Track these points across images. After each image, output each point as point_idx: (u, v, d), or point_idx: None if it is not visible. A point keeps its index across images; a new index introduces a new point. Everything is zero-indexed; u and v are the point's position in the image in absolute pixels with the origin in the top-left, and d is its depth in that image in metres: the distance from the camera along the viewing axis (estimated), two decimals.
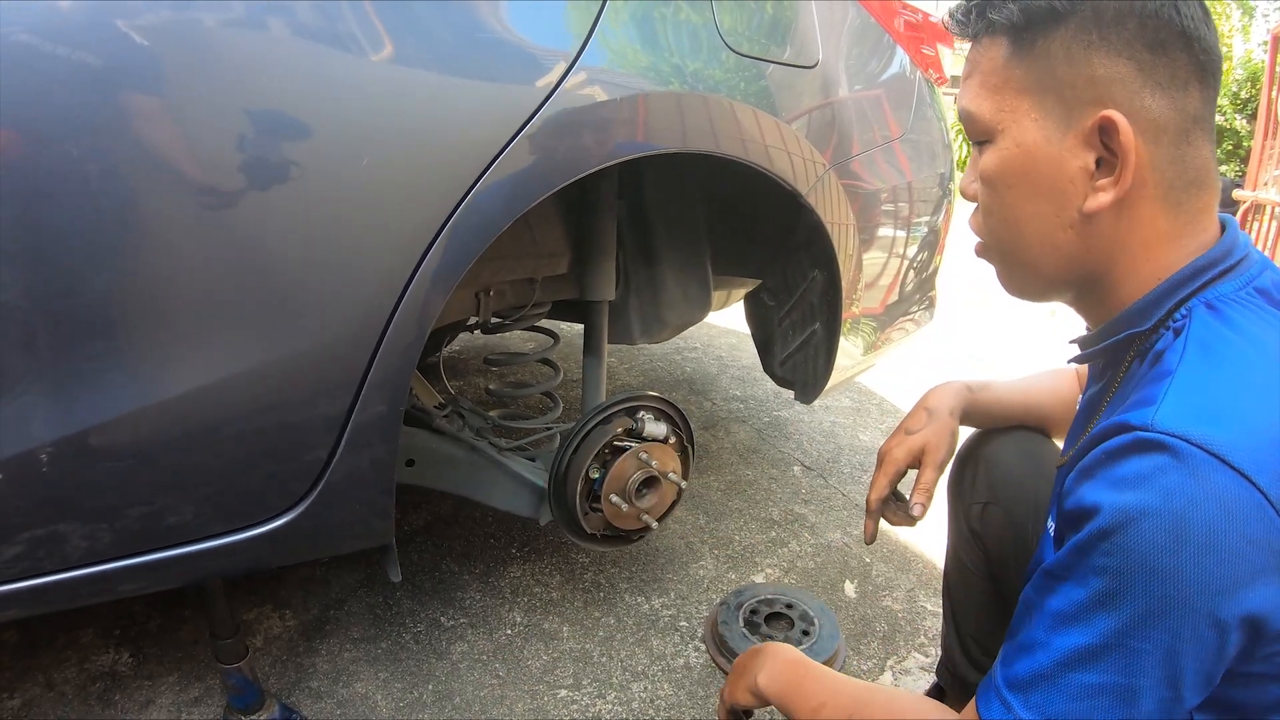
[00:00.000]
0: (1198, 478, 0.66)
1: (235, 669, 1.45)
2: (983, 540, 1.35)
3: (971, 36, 0.88)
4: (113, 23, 0.90)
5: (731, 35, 1.43)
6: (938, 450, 1.28)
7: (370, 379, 1.13)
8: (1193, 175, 0.81)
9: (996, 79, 0.85)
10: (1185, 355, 0.77)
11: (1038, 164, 0.83)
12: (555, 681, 1.71)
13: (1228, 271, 0.82)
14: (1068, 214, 0.83)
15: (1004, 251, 0.92)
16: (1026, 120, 0.83)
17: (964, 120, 0.89)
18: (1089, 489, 0.73)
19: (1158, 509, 0.67)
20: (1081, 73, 0.79)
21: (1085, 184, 0.81)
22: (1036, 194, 0.84)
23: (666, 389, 3.36)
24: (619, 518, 1.61)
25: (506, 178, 1.14)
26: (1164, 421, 0.70)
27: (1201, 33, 0.78)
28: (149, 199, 0.95)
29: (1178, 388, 0.73)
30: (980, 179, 0.89)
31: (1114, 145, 0.78)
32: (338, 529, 1.26)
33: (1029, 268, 0.90)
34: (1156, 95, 0.78)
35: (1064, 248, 0.85)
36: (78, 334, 0.96)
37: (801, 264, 1.99)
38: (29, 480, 0.98)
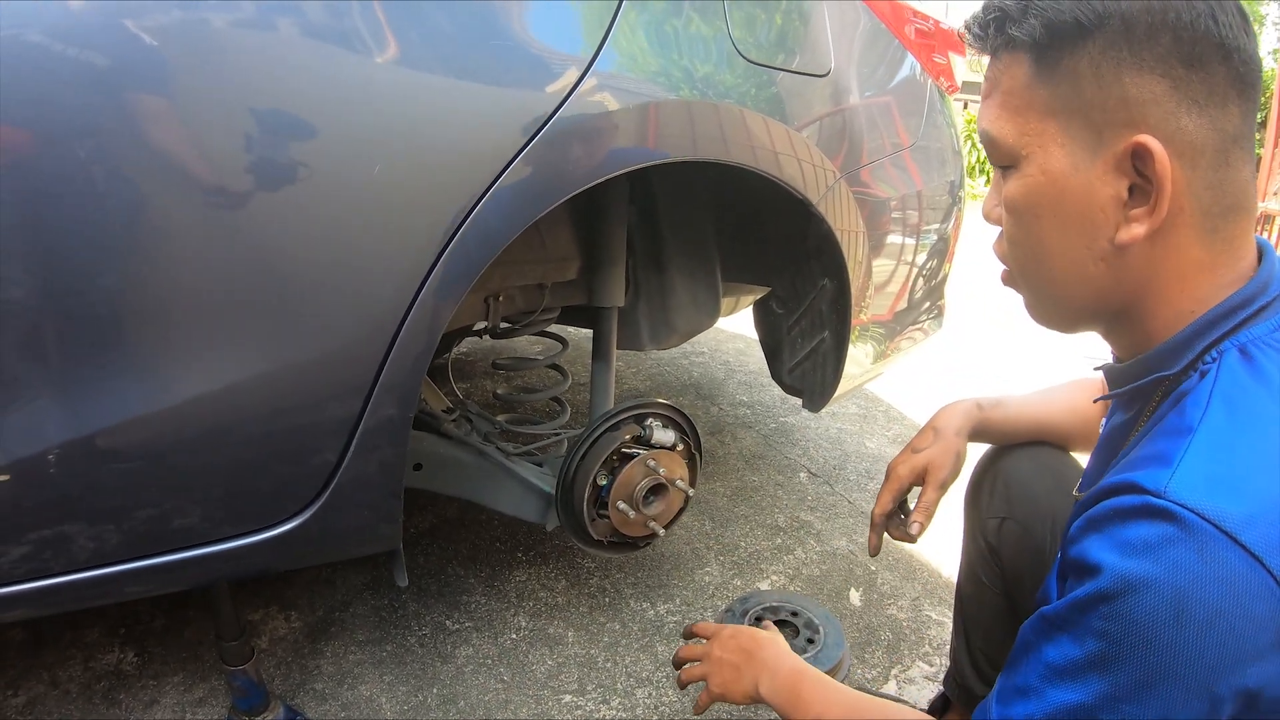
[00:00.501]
0: (1205, 555, 0.64)
1: (240, 670, 1.45)
2: (999, 555, 1.34)
3: (990, 52, 0.82)
4: (121, 23, 0.90)
5: (743, 43, 1.43)
6: (940, 470, 1.31)
7: (380, 383, 1.13)
8: (1231, 200, 0.75)
9: (1019, 100, 0.79)
10: (1209, 411, 0.72)
11: (1066, 193, 0.77)
12: (560, 686, 1.71)
13: (1264, 309, 0.77)
14: (1099, 245, 0.78)
15: (1031, 282, 0.87)
16: (1053, 145, 0.77)
17: (985, 144, 0.84)
18: (1095, 545, 0.70)
19: (1161, 582, 0.64)
20: (1112, 93, 0.73)
21: (1117, 213, 0.76)
22: (1065, 225, 0.79)
23: (674, 394, 3.36)
24: (626, 524, 1.61)
25: (519, 184, 1.14)
26: (1177, 490, 0.66)
27: (1241, 42, 0.72)
28: (158, 201, 0.95)
29: (1196, 451, 0.69)
30: (1004, 207, 0.84)
31: (1148, 172, 0.73)
32: (345, 533, 1.26)
33: (1058, 300, 0.85)
34: (1194, 115, 0.72)
35: (1095, 280, 0.80)
36: (87, 336, 0.96)
37: (811, 272, 1.99)
38: (37, 481, 0.98)
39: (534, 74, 1.16)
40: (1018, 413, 1.36)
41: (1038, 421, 1.35)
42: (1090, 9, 0.73)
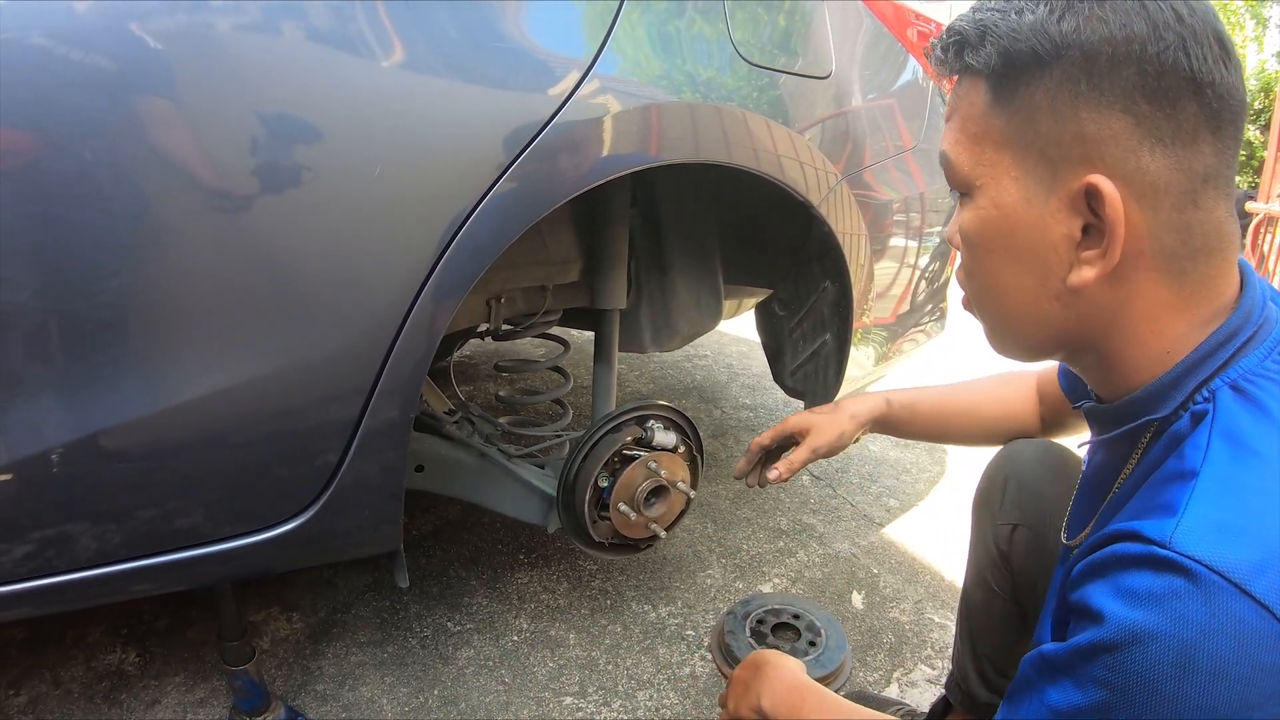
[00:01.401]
0: (1213, 607, 0.61)
1: (242, 671, 1.45)
2: (1010, 562, 1.34)
3: (951, 75, 0.80)
4: (127, 26, 0.90)
5: (745, 45, 1.44)
6: (818, 436, 1.37)
7: (381, 385, 1.14)
8: (1200, 242, 0.71)
9: (975, 128, 0.76)
10: (1210, 453, 0.69)
11: (1017, 229, 0.75)
12: (561, 689, 1.71)
13: (1250, 341, 0.74)
14: (1052, 284, 0.75)
15: (987, 314, 0.84)
16: (1006, 178, 0.74)
17: (943, 168, 0.82)
18: (1097, 592, 0.68)
19: (1167, 635, 0.62)
20: (1068, 128, 0.70)
21: (1070, 253, 0.73)
22: (1017, 260, 0.76)
23: (676, 396, 3.36)
24: (627, 526, 1.61)
25: (520, 187, 1.14)
26: (1182, 541, 0.63)
27: (1215, 75, 0.67)
28: (161, 203, 0.95)
29: (1200, 497, 0.66)
30: (961, 239, 0.81)
31: (1101, 213, 0.69)
32: (346, 534, 1.26)
33: (1015, 333, 0.83)
34: (1157, 154, 0.68)
35: (1050, 318, 0.77)
36: (90, 336, 0.96)
37: (813, 274, 1.99)
38: (40, 481, 0.98)
39: (534, 76, 1.16)
40: (929, 414, 1.41)
41: (947, 422, 1.42)
42: (1048, 39, 0.70)
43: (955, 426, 1.43)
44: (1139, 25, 0.67)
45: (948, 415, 1.42)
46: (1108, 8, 0.68)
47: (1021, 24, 0.71)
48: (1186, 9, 0.68)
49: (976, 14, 0.75)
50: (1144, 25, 0.67)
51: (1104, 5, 0.68)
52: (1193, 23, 0.67)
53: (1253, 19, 14.62)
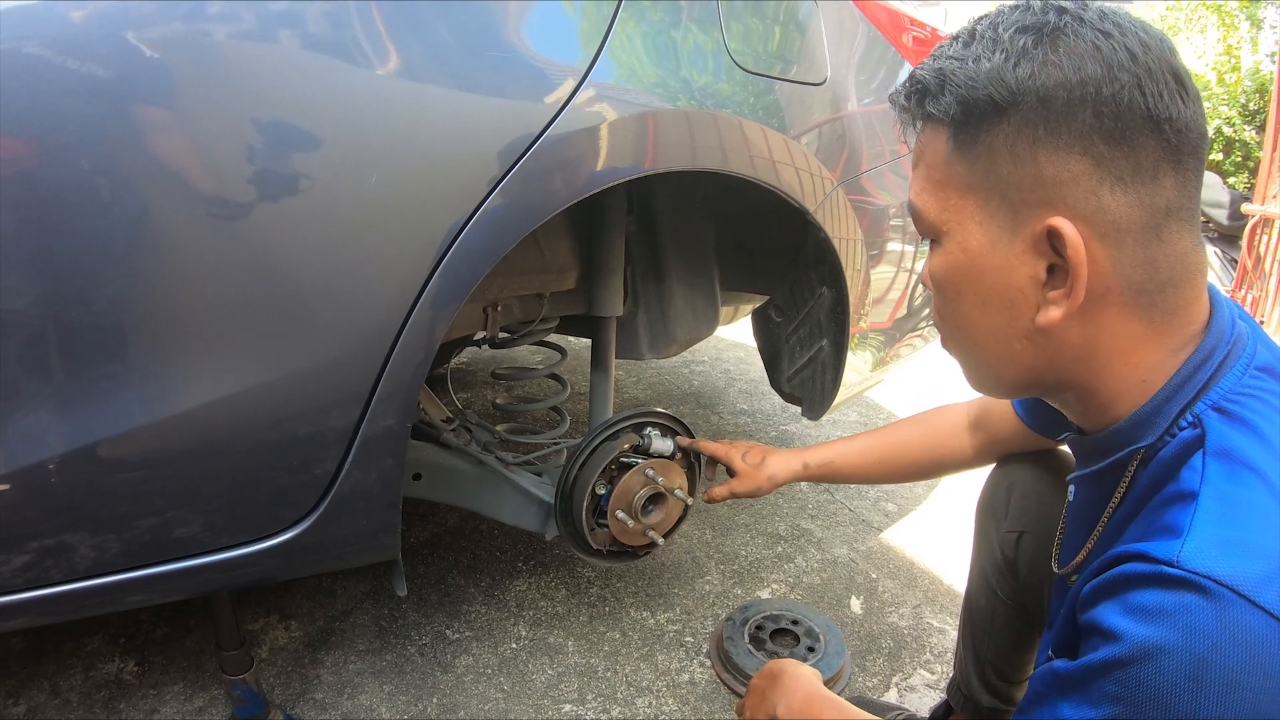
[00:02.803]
0: (1223, 620, 0.62)
1: (240, 680, 1.45)
2: (1015, 568, 1.35)
3: (913, 124, 0.82)
4: (123, 35, 0.90)
5: (740, 53, 1.44)
6: (739, 484, 1.53)
7: (379, 393, 1.14)
8: (1167, 274, 0.73)
9: (939, 175, 0.78)
10: (1206, 473, 0.70)
11: (984, 272, 0.76)
12: (560, 696, 1.71)
13: (1225, 361, 0.75)
14: (1021, 325, 0.77)
15: (961, 353, 0.86)
16: (970, 223, 0.76)
17: (911, 216, 0.83)
18: (1107, 610, 0.69)
19: (1179, 649, 0.63)
20: (1027, 172, 0.72)
21: (1036, 294, 0.74)
22: (985, 303, 0.77)
23: (674, 402, 3.36)
24: (625, 534, 1.61)
25: (516, 195, 1.14)
26: (1190, 558, 0.64)
27: (1173, 111, 0.69)
28: (159, 211, 0.95)
29: (1203, 517, 0.67)
30: (932, 282, 0.83)
31: (1064, 252, 0.71)
32: (344, 543, 1.26)
33: (989, 372, 0.84)
34: (1117, 193, 0.70)
35: (1022, 357, 0.79)
36: (88, 345, 0.96)
37: (809, 280, 1.99)
38: (38, 490, 0.98)
39: (530, 84, 1.16)
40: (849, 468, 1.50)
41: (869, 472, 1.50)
42: (1004, 87, 0.71)
43: (879, 473, 1.51)
44: (1093, 68, 0.69)
45: (869, 465, 1.49)
46: (1061, 52, 0.69)
47: (979, 72, 0.72)
48: (1140, 47, 0.69)
49: (936, 62, 0.76)
50: (1098, 67, 0.68)
51: (1058, 50, 0.70)
52: (1147, 60, 0.69)
53: (1247, 20, 14.66)
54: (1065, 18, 0.71)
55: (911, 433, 1.48)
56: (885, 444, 1.49)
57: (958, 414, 1.44)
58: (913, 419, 1.50)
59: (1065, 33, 0.70)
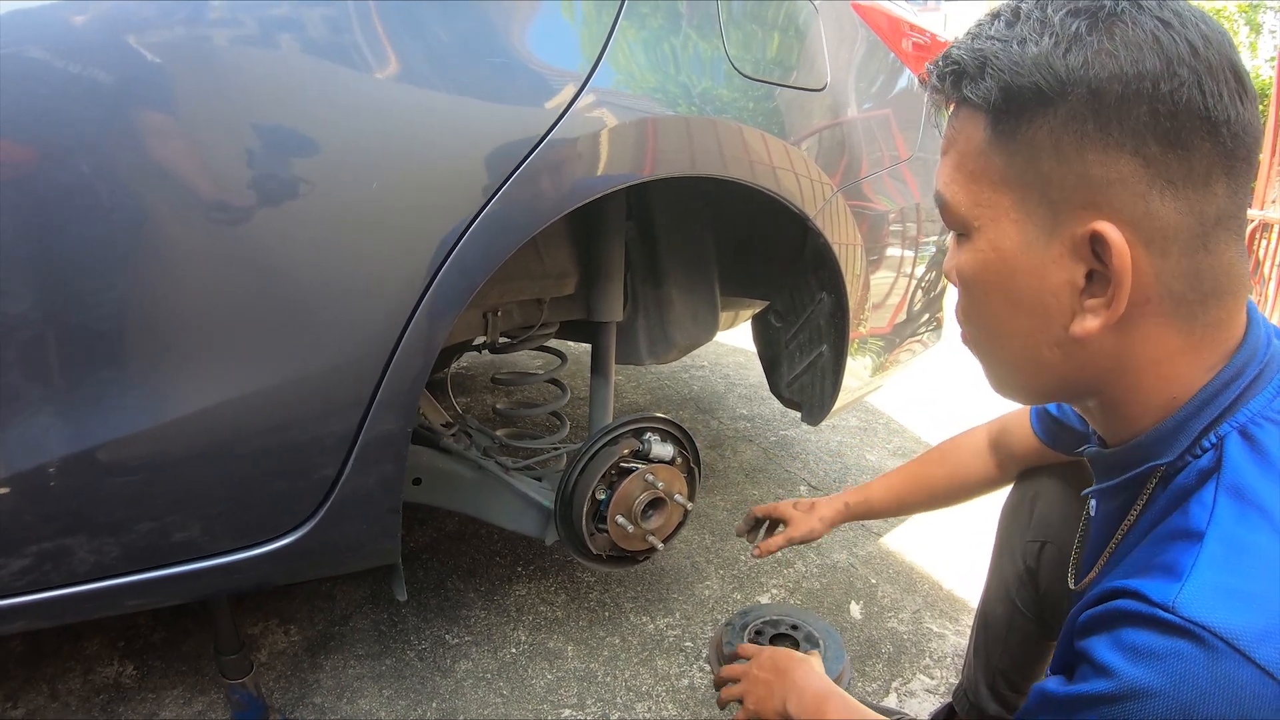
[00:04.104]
0: (1214, 672, 0.60)
1: (239, 684, 1.45)
2: (1037, 579, 1.34)
3: (948, 107, 0.75)
4: (124, 40, 0.91)
5: (739, 59, 1.44)
6: (794, 530, 1.54)
7: (379, 398, 1.14)
8: (1210, 286, 0.67)
9: (973, 165, 0.72)
10: (1215, 512, 0.66)
11: (1016, 273, 0.70)
12: (559, 701, 1.70)
13: (1256, 380, 0.71)
14: (1052, 332, 0.71)
15: (984, 355, 0.81)
16: (1005, 220, 0.70)
17: (938, 206, 0.77)
18: (1100, 644, 0.67)
19: (1166, 693, 0.61)
20: (1072, 170, 0.65)
21: (1072, 300, 0.69)
22: (1016, 306, 0.72)
23: (673, 407, 3.37)
24: (625, 539, 1.62)
25: (516, 200, 1.14)
26: (1186, 605, 0.61)
27: (1231, 113, 0.63)
28: (160, 216, 0.96)
29: (1206, 560, 0.64)
30: (958, 279, 0.77)
31: (1107, 260, 0.65)
32: (344, 547, 1.26)
33: (1014, 377, 0.79)
34: (1167, 198, 0.64)
35: (1051, 365, 0.74)
36: (88, 349, 0.96)
37: (809, 286, 1.99)
38: (37, 494, 0.98)
39: (531, 90, 1.17)
40: (884, 503, 1.53)
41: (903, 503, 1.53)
42: (1053, 75, 0.64)
43: (912, 504, 1.53)
44: (1151, 61, 0.62)
45: (901, 498, 1.52)
46: (1118, 41, 0.63)
47: (1024, 56, 0.66)
48: (1201, 41, 0.63)
49: (975, 42, 0.69)
50: (1157, 61, 0.62)
51: (1114, 38, 0.63)
52: (1208, 56, 0.63)
53: (1246, 24, 14.67)
54: (1122, 3, 0.64)
55: (936, 462, 1.50)
56: (913, 476, 1.51)
57: (978, 436, 1.44)
58: (936, 449, 1.52)
59: (1123, 19, 0.63)
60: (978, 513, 1.49)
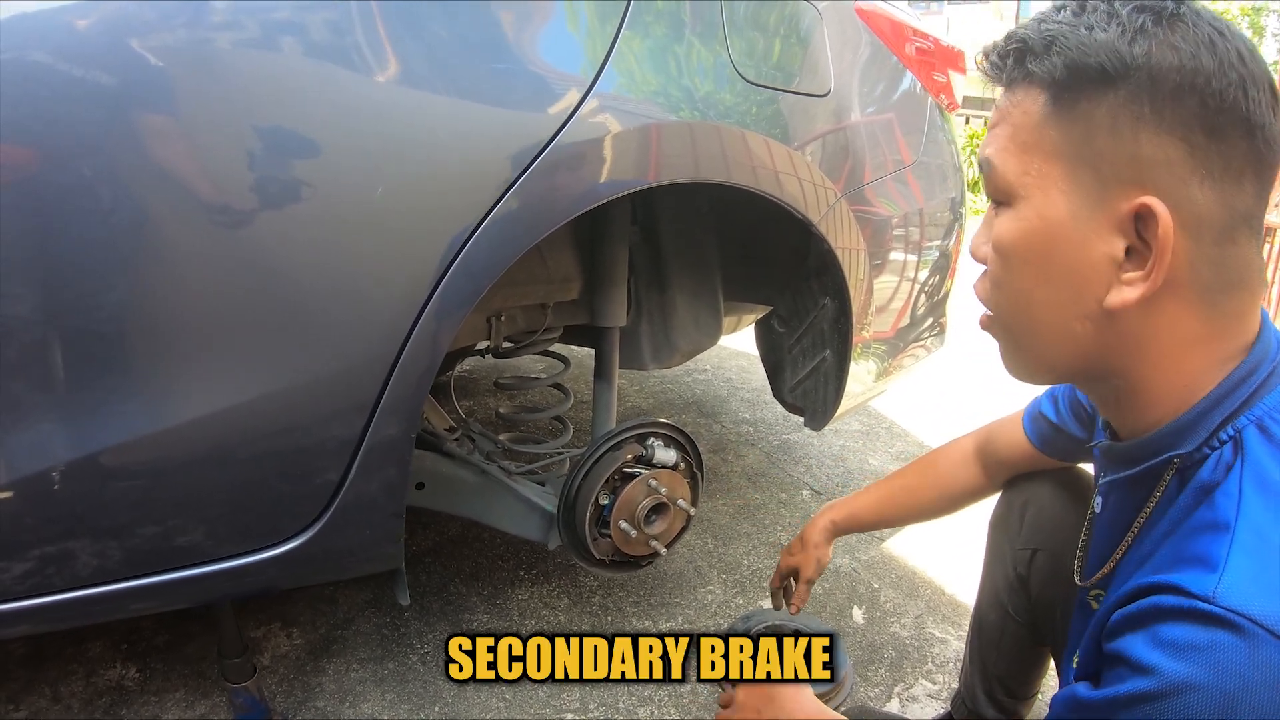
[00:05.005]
0: (1256, 660, 0.62)
1: (242, 688, 1.45)
2: (1028, 586, 1.34)
3: (1005, 84, 0.78)
4: (127, 43, 0.91)
5: (743, 64, 1.44)
6: (805, 570, 1.58)
7: (384, 403, 1.14)
8: (1232, 277, 0.72)
9: (1027, 137, 0.75)
10: (1243, 503, 0.69)
11: (1059, 242, 0.73)
12: (562, 705, 1.70)
13: (1269, 379, 0.74)
14: (1086, 304, 0.74)
15: (1011, 330, 0.82)
16: (1054, 190, 0.73)
17: (984, 172, 0.80)
18: (1136, 643, 0.68)
19: (1210, 686, 0.62)
20: (1125, 148, 0.70)
21: (1110, 273, 0.72)
22: (1053, 276, 0.75)
23: (676, 411, 3.37)
24: (628, 544, 1.62)
25: (522, 206, 1.15)
26: (1226, 595, 0.64)
27: (1267, 120, 0.69)
28: (162, 220, 0.96)
29: (1240, 550, 0.66)
30: (993, 245, 0.79)
31: (1148, 236, 0.69)
32: (348, 552, 1.26)
33: (1037, 353, 0.81)
34: (1206, 186, 0.69)
35: (1079, 339, 0.76)
36: (91, 354, 0.97)
37: (812, 291, 1.99)
38: (41, 499, 0.98)
39: (536, 96, 1.17)
40: (872, 516, 1.56)
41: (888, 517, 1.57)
42: (1118, 57, 0.69)
43: (897, 516, 1.58)
44: (1207, 59, 0.68)
45: (887, 511, 1.55)
46: (1178, 37, 0.69)
47: (1092, 40, 0.71)
48: (1248, 53, 0.69)
49: (1043, 25, 0.74)
50: (1211, 60, 0.68)
51: (1174, 34, 0.69)
52: (1253, 66, 0.69)
53: (1250, 28, 14.68)
54: (1183, 6, 0.70)
55: (921, 474, 1.51)
56: (898, 489, 1.52)
57: (963, 446, 1.45)
58: (921, 460, 1.53)
59: (1184, 20, 0.69)
60: (980, 518, 1.49)
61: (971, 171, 10.23)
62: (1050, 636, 1.34)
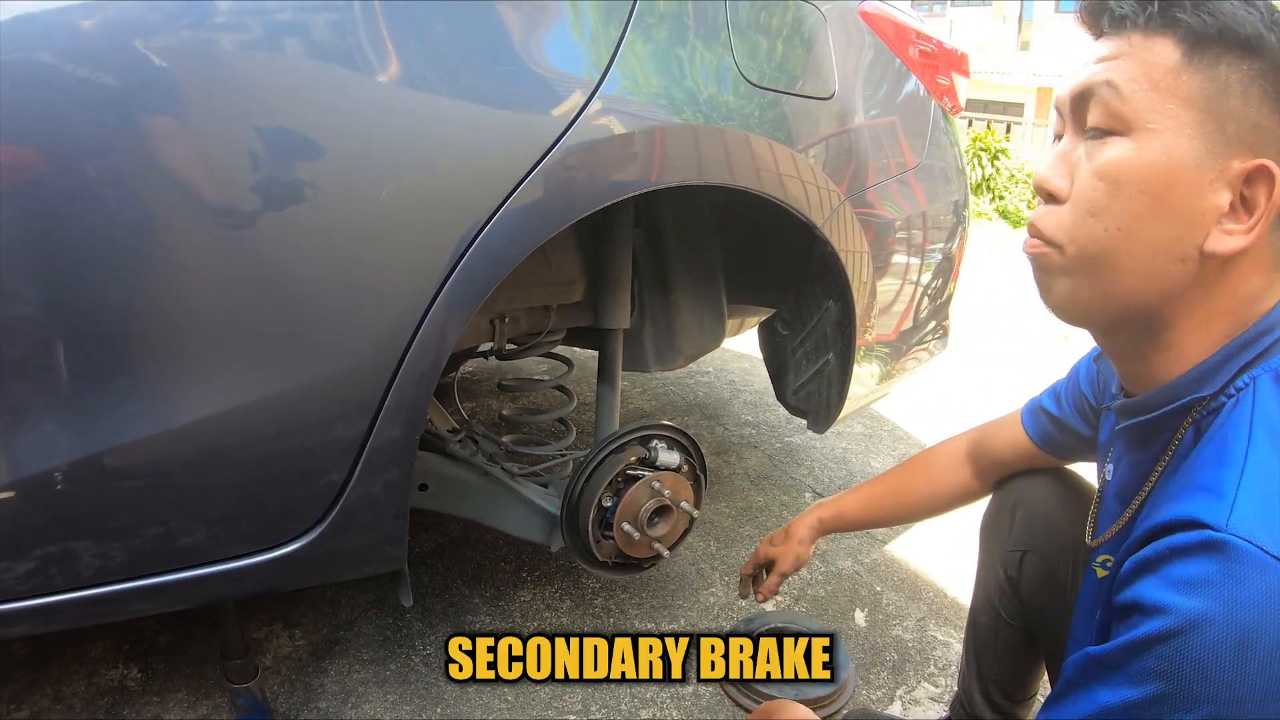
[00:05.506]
0: (1269, 589, 0.63)
1: (245, 689, 1.45)
2: (1019, 588, 1.34)
3: (1140, 27, 0.79)
4: (131, 44, 0.91)
5: (747, 67, 1.44)
6: (782, 563, 1.56)
7: (387, 404, 1.14)
8: None
9: (1161, 77, 0.77)
10: (1253, 441, 0.73)
11: (1178, 184, 0.76)
12: (564, 708, 1.70)
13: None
14: (1185, 247, 0.77)
15: (1094, 262, 0.81)
16: (1185, 134, 0.76)
17: (1092, 97, 0.80)
18: (1150, 586, 0.69)
19: (1224, 619, 0.63)
20: (1250, 114, 0.75)
21: (1212, 222, 0.76)
22: (1164, 213, 0.77)
23: (679, 414, 3.36)
24: (631, 546, 1.61)
25: (526, 208, 1.15)
26: (1239, 524, 0.66)
27: None
28: (167, 220, 0.96)
29: (1251, 482, 0.69)
30: (1102, 173, 0.79)
31: (1252, 195, 0.75)
32: (351, 553, 1.26)
33: (1116, 288, 0.81)
34: None
35: (1167, 280, 0.78)
36: (95, 354, 0.97)
37: (815, 294, 1.99)
38: (43, 499, 0.99)
39: (540, 98, 1.17)
40: (859, 516, 1.55)
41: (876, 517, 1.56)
42: (1260, 35, 0.75)
43: (886, 516, 1.56)
44: None
45: (876, 511, 1.54)
46: None
47: (1240, 13, 0.76)
48: None
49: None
50: None
51: None
52: None
53: None
54: None
55: (911, 474, 1.51)
56: (887, 489, 1.52)
57: (955, 446, 1.46)
58: (912, 459, 1.53)
59: None
60: None
61: (974, 175, 10.21)
62: (1043, 639, 1.34)
